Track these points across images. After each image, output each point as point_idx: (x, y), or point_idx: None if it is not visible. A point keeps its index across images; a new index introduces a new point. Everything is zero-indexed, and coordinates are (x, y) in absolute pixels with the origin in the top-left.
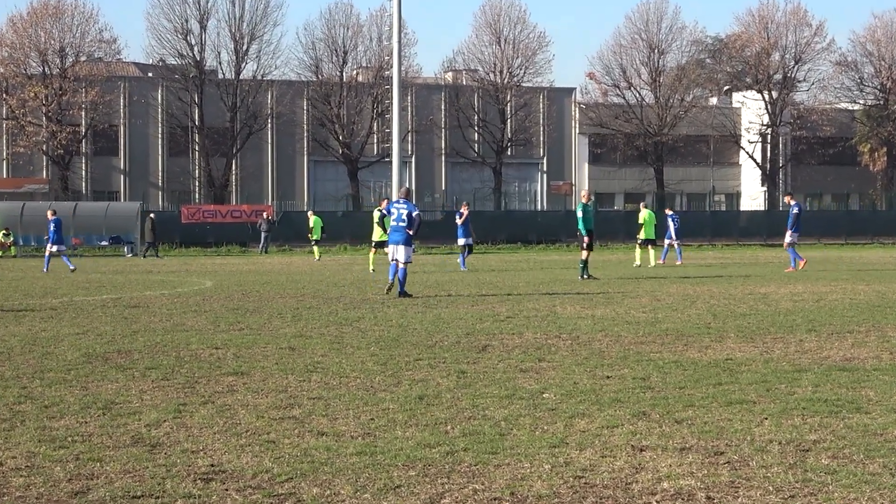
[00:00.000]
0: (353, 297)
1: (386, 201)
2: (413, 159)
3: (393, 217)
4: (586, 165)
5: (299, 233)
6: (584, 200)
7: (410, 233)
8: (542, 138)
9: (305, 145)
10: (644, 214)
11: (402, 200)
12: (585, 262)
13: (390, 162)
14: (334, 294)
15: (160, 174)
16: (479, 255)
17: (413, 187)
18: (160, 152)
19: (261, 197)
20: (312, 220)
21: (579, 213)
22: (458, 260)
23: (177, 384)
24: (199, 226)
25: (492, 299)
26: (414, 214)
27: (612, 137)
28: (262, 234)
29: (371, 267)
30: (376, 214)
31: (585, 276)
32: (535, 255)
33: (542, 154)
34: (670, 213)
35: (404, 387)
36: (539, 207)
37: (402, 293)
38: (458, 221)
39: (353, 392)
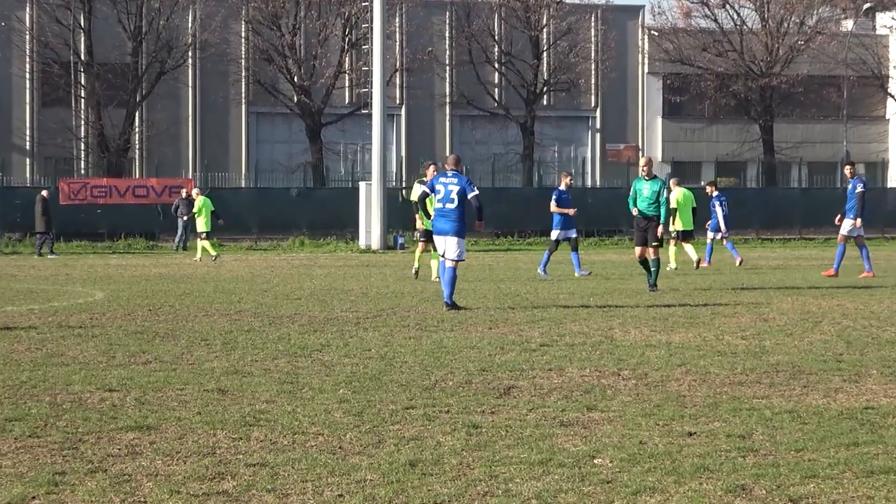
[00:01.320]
0: (313, 314)
1: (431, 168)
2: (403, 111)
3: (439, 197)
4: (659, 121)
5: (235, 219)
6: (642, 174)
7: (463, 223)
8: (594, 80)
9: (244, 90)
10: (677, 195)
11: (451, 173)
12: (645, 264)
13: (369, 115)
14: (286, 311)
15: (27, 133)
16: (499, 252)
17: (402, 152)
18: (28, 100)
19: (177, 167)
20: (200, 201)
21: (666, 193)
22: (541, 264)
23: (52, 443)
24: (86, 209)
25: (519, 318)
26: (470, 196)
27: (698, 80)
28: (180, 222)
29: (415, 265)
30: (416, 191)
31: (653, 287)
32: (584, 254)
33: (593, 104)
34: (716, 193)
35: (388, 448)
36: (590, 183)
37: (450, 304)
38: (555, 208)
39: (312, 456)
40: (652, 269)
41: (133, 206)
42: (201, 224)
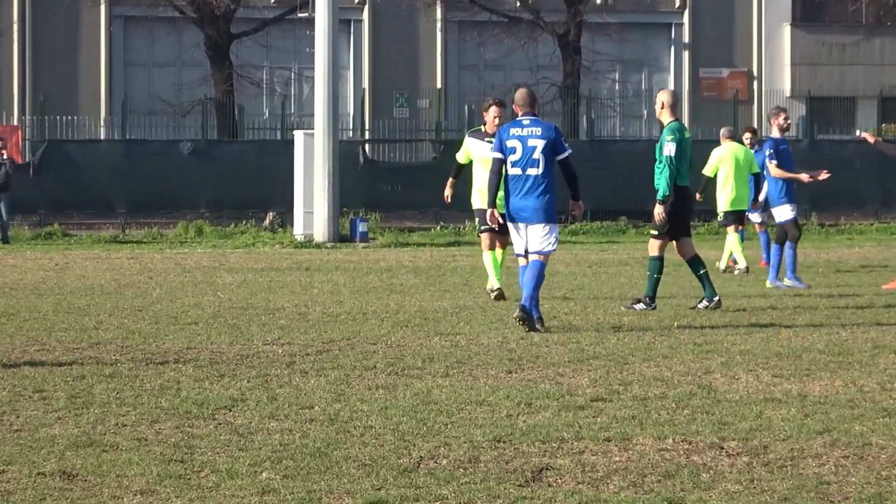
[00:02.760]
0: (219, 349)
1: (493, 109)
2: (366, 14)
3: (514, 159)
4: (787, 31)
5: (89, 191)
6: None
7: (555, 198)
8: None
9: None
10: (724, 154)
11: (528, 119)
12: (659, 266)
13: (309, 21)
14: (174, 343)
15: None
16: None
17: (365, 81)
18: None
19: None
20: None
21: (668, 149)
22: (788, 271)
23: None
24: None
25: (557, 354)
26: (561, 158)
27: None
28: (3, 201)
29: (495, 279)
30: (467, 149)
31: (640, 304)
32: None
33: (678, 3)
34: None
35: None
36: None
37: (528, 318)
38: (778, 170)
39: None
40: (650, 274)
41: None
42: None
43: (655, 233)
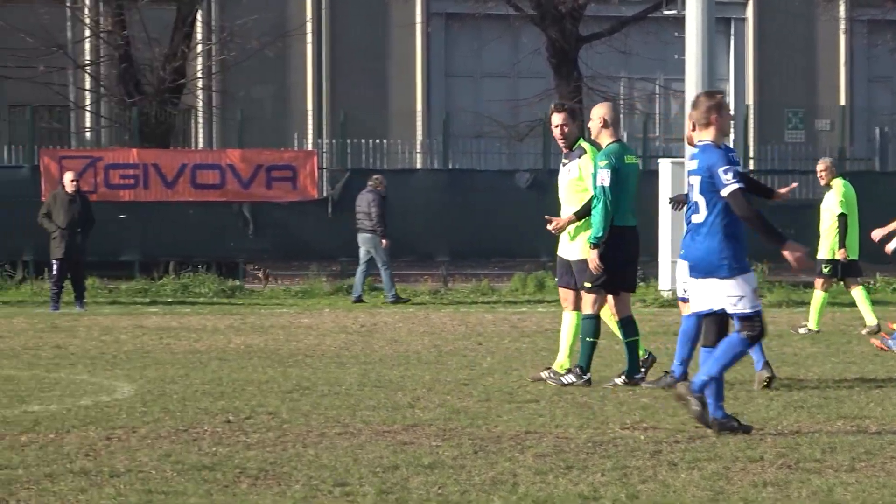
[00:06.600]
0: (563, 432)
1: (554, 119)
2: (749, 12)
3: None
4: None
5: (401, 236)
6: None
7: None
8: None
9: None
10: (839, 193)
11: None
12: (594, 327)
13: (678, 21)
14: (507, 425)
15: None
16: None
17: (749, 96)
18: None
19: None
20: None
21: (601, 178)
22: None
23: None
24: None
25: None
26: (728, 192)
27: None
28: None
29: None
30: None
31: (569, 376)
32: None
33: None
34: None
35: None
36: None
37: (723, 419)
38: None
39: None
40: (582, 338)
41: None
42: None
43: (589, 285)
